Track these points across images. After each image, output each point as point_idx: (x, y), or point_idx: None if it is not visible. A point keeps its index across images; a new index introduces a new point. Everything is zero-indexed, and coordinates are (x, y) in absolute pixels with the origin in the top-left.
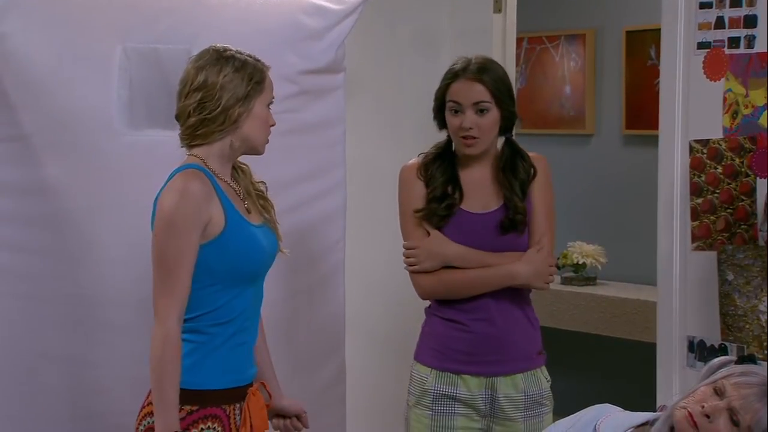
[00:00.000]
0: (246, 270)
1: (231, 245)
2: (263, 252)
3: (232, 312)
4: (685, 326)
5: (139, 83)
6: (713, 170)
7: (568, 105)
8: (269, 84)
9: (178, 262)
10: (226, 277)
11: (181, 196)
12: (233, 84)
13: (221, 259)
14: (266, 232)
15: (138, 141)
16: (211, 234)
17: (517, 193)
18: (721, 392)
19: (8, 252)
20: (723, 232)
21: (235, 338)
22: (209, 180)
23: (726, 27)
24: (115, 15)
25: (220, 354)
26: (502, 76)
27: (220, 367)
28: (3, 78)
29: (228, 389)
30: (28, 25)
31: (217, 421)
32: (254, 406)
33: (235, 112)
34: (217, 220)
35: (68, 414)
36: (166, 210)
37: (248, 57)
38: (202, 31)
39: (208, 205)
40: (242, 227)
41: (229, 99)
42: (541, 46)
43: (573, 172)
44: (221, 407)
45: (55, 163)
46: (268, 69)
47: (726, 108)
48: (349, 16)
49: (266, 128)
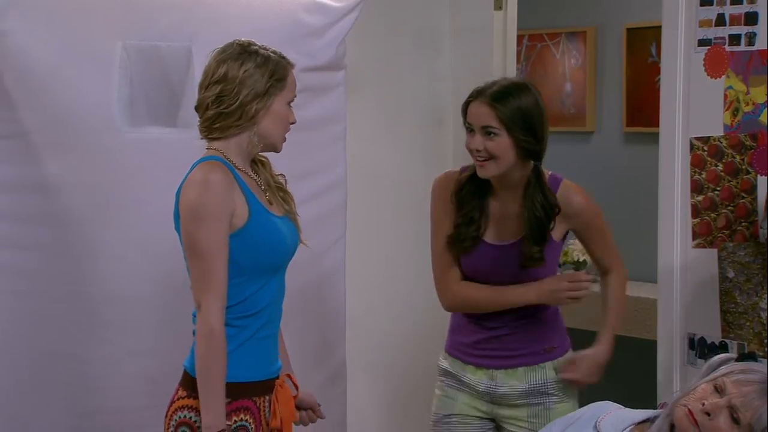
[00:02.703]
0: (270, 261)
1: (255, 237)
2: (286, 243)
3: (259, 304)
4: (685, 323)
5: (140, 81)
6: (714, 167)
7: (568, 102)
8: (292, 82)
9: (212, 254)
10: (251, 269)
11: (204, 187)
12: (253, 79)
13: (246, 251)
14: (287, 223)
15: (138, 138)
16: (235, 226)
17: (533, 230)
18: (722, 390)
19: (9, 249)
20: (724, 229)
21: (263, 330)
22: (230, 171)
23: (727, 24)
24: (116, 12)
25: (249, 346)
26: (524, 106)
27: (250, 359)
28: (3, 76)
29: (258, 382)
30: (28, 23)
31: (249, 413)
32: (282, 398)
33: (252, 108)
34: (240, 212)
35: (69, 411)
36: (192, 203)
37: (272, 53)
38: (202, 29)
39: (231, 194)
40: (265, 219)
41: (248, 94)
42: (542, 44)
43: (573, 170)
44: (252, 399)
45: (55, 161)
46: (292, 66)
47: (727, 105)
48: (349, 13)
49: (285, 126)
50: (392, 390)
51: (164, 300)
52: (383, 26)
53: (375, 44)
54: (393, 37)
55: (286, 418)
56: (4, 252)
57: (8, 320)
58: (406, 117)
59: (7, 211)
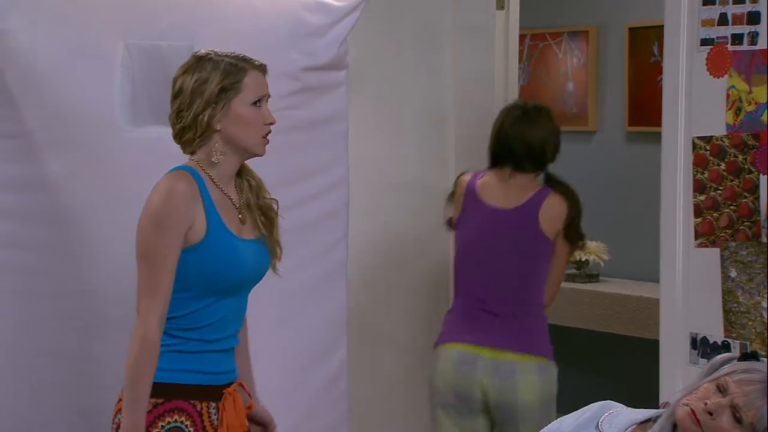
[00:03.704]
0: (221, 283)
1: (208, 256)
2: (242, 267)
3: (204, 320)
4: (688, 323)
5: (142, 80)
6: (716, 167)
7: (570, 102)
8: (252, 82)
9: (162, 262)
10: (199, 286)
11: (166, 195)
12: (202, 88)
13: (196, 269)
14: (257, 247)
15: (140, 137)
16: (189, 241)
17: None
18: (724, 389)
19: (9, 248)
20: (726, 228)
21: (207, 345)
22: (197, 184)
23: (729, 23)
24: (118, 12)
25: (189, 357)
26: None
27: (189, 366)
28: (5, 74)
29: (196, 385)
30: (30, 22)
31: (185, 414)
32: (230, 406)
33: (205, 117)
34: (198, 227)
35: (69, 409)
36: (151, 208)
37: (226, 57)
38: (204, 28)
39: (192, 208)
40: (223, 238)
41: (199, 105)
42: (544, 43)
43: (575, 169)
44: (189, 402)
45: (57, 160)
46: (252, 66)
47: (729, 105)
48: (351, 12)
49: (253, 128)
50: (394, 391)
51: None
52: (385, 26)
53: (377, 44)
54: (395, 37)
55: (234, 426)
56: (6, 250)
57: (9, 318)
58: (407, 116)
59: (8, 209)
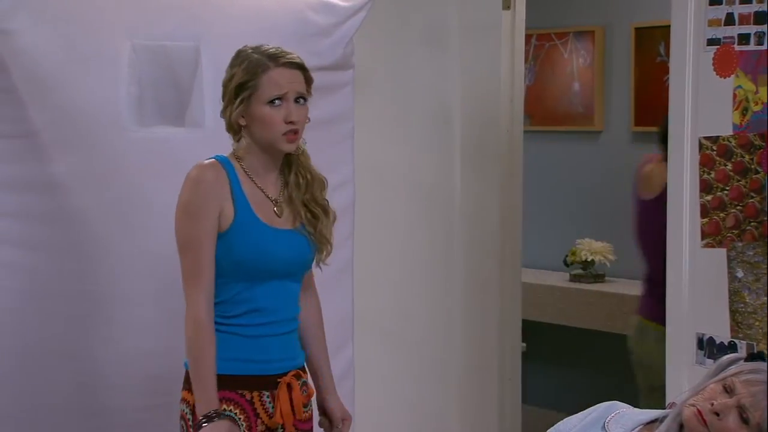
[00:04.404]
0: (249, 269)
1: (235, 241)
2: (270, 254)
3: (242, 306)
4: (694, 323)
5: (148, 80)
6: (723, 167)
7: (576, 102)
8: (270, 81)
9: (199, 249)
10: (230, 272)
11: (194, 184)
12: (229, 84)
13: (226, 254)
14: (292, 236)
15: (146, 138)
16: (221, 227)
17: None
18: (731, 390)
19: (15, 248)
20: (733, 229)
21: (250, 329)
22: (226, 173)
23: (736, 23)
24: (124, 12)
25: (234, 344)
26: None
27: (235, 356)
28: (12, 74)
29: (243, 376)
30: (37, 23)
31: (234, 404)
32: (284, 395)
33: (228, 113)
34: (227, 213)
35: (77, 410)
36: (182, 198)
37: (257, 54)
38: (209, 28)
39: (220, 194)
40: (250, 224)
41: (226, 100)
42: (550, 43)
43: (581, 169)
44: (237, 392)
45: (63, 160)
46: (278, 64)
47: (736, 105)
48: (357, 12)
49: (270, 127)
50: (401, 390)
51: (171, 299)
52: (391, 25)
53: (383, 43)
54: (401, 37)
55: (288, 413)
56: (11, 250)
57: (15, 318)
58: (413, 116)
59: (14, 209)
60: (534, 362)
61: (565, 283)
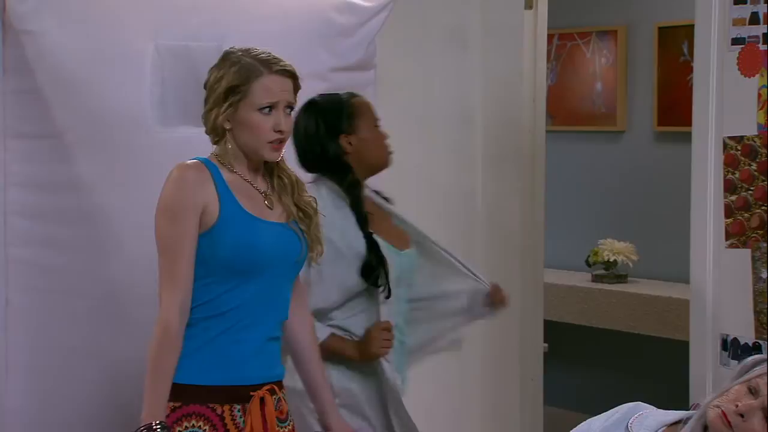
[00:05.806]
0: (238, 263)
1: (224, 236)
2: (260, 247)
3: (225, 305)
4: (718, 324)
5: (171, 81)
6: (747, 167)
7: (599, 102)
8: (262, 87)
9: (178, 251)
10: (219, 269)
11: (174, 184)
12: (216, 86)
13: (214, 251)
14: (283, 230)
15: (170, 138)
16: (205, 224)
17: None
18: (756, 391)
19: (40, 247)
20: (757, 229)
21: (232, 334)
22: (209, 172)
23: (761, 22)
24: (147, 13)
25: (213, 349)
26: None
27: (212, 362)
28: (37, 75)
29: (218, 386)
30: (61, 24)
31: (203, 419)
32: (256, 410)
33: (212, 116)
34: (211, 210)
35: (104, 407)
36: (162, 198)
37: (249, 57)
38: (232, 29)
39: (202, 192)
40: (237, 218)
41: (211, 102)
42: (572, 43)
43: (604, 169)
44: (208, 406)
45: (87, 160)
46: (272, 71)
47: (761, 104)
48: (379, 13)
49: (257, 134)
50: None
51: None
52: (413, 26)
53: (405, 44)
54: (423, 37)
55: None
56: (36, 249)
57: (41, 317)
58: (435, 116)
59: (39, 209)
60: (556, 363)
61: (588, 283)
